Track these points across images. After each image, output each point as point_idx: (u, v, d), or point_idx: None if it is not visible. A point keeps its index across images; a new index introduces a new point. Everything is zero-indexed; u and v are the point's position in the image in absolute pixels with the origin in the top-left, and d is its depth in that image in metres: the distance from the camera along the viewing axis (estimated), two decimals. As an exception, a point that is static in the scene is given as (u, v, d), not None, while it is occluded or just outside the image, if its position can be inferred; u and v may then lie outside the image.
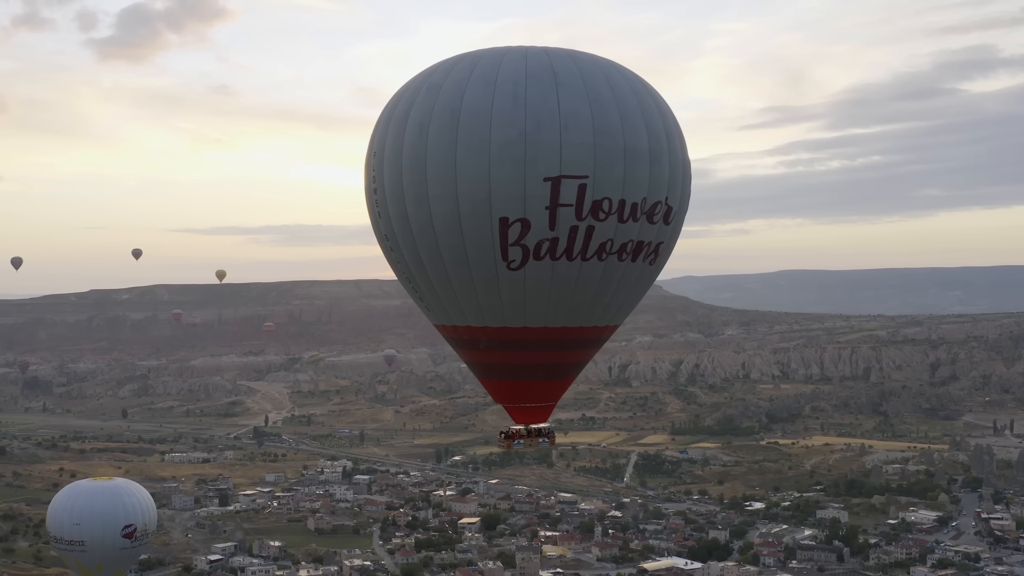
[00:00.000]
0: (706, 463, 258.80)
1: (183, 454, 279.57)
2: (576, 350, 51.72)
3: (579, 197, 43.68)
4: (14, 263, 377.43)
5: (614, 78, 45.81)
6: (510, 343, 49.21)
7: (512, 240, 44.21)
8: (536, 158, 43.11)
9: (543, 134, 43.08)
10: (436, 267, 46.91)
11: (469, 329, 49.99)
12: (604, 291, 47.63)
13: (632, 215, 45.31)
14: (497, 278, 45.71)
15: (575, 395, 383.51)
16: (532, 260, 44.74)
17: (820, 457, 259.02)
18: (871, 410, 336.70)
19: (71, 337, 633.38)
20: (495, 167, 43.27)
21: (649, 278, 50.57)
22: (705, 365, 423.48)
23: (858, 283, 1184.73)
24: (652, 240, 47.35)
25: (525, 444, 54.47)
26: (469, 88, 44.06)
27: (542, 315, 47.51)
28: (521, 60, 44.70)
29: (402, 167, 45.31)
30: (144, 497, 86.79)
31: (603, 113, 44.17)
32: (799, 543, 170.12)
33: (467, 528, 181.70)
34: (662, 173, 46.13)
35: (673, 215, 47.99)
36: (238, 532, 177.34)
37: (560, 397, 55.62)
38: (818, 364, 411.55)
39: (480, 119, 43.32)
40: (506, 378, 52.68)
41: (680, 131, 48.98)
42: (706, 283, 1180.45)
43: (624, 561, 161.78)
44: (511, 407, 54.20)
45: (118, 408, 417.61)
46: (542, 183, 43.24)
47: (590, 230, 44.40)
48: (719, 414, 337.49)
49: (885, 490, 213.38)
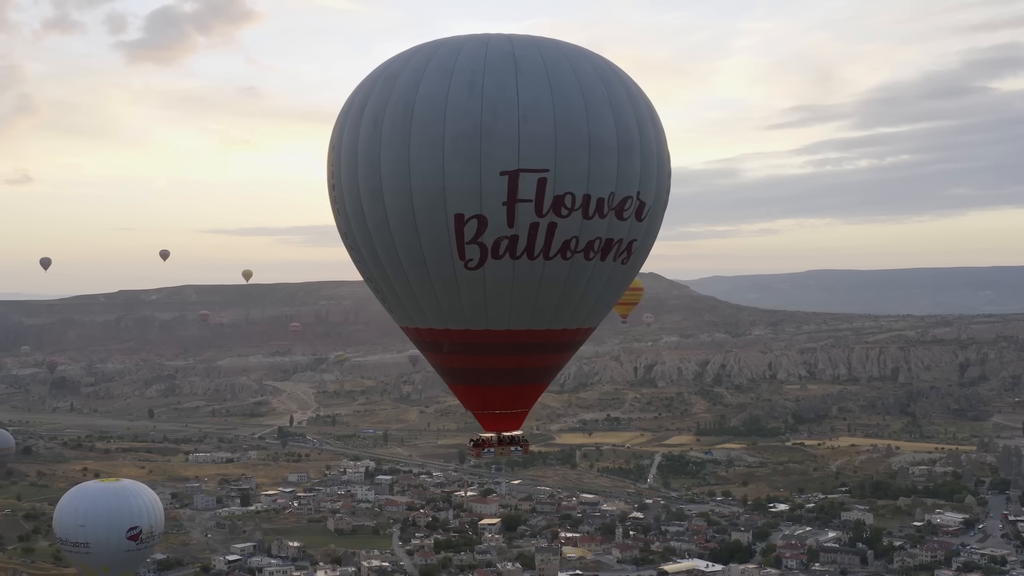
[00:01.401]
0: (730, 464, 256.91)
1: (207, 454, 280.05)
2: (545, 354, 48.73)
3: (539, 192, 41.05)
4: (43, 264, 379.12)
5: (581, 66, 43.14)
6: (473, 346, 46.57)
7: (468, 238, 41.77)
8: (492, 151, 40.61)
9: (499, 126, 40.57)
10: (394, 266, 44.73)
11: (432, 331, 47.51)
12: (572, 292, 44.85)
13: (599, 211, 42.49)
14: (455, 278, 43.30)
15: (600, 396, 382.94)
16: (491, 259, 42.24)
17: (846, 458, 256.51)
18: (899, 411, 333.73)
19: (100, 337, 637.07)
20: (449, 161, 40.92)
21: (623, 278, 47.68)
22: (731, 365, 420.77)
23: (887, 283, 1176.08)
24: (623, 238, 44.39)
25: (496, 453, 51.65)
26: (425, 78, 41.76)
27: (505, 317, 44.90)
28: (482, 48, 42.22)
29: (357, 162, 43.18)
30: (151, 499, 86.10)
31: (566, 103, 41.58)
32: (822, 545, 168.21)
33: (487, 529, 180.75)
34: (632, 166, 43.20)
35: (647, 211, 44.94)
36: (257, 532, 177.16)
37: (532, 404, 52.53)
38: (846, 364, 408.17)
39: (435, 111, 41.00)
40: (472, 383, 50.02)
41: (657, 122, 45.98)
42: (734, 283, 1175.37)
43: (644, 563, 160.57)
44: (480, 414, 51.23)
45: (145, 408, 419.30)
46: (498, 177, 40.75)
47: (552, 227, 41.79)
48: (745, 415, 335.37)
49: (911, 492, 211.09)
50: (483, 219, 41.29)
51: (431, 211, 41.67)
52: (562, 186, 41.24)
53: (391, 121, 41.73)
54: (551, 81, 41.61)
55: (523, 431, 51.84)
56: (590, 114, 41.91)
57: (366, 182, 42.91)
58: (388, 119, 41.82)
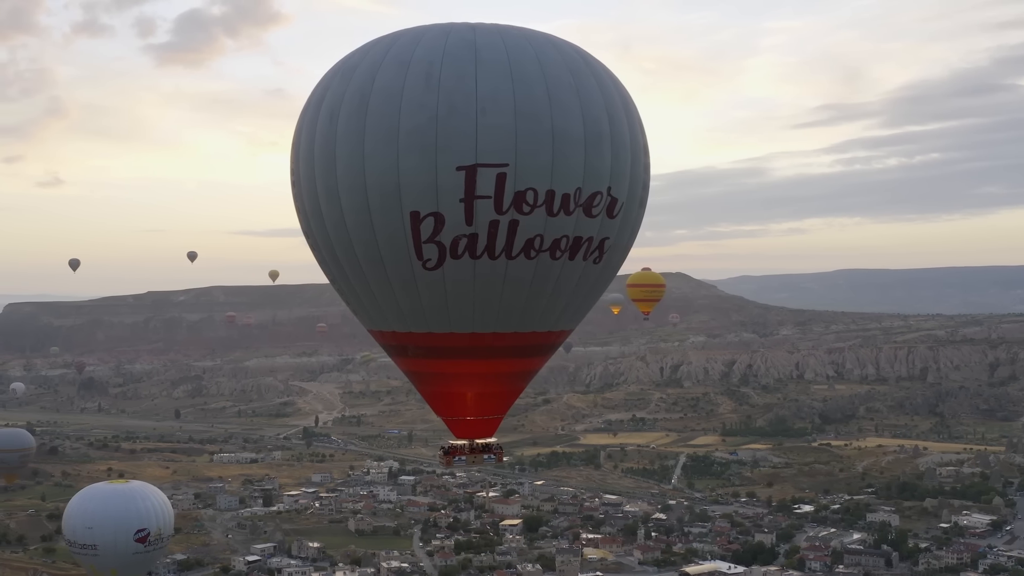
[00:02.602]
0: (755, 465, 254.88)
1: (231, 454, 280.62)
2: (515, 358, 46.78)
3: (498, 188, 39.07)
4: (72, 265, 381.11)
5: (547, 55, 40.93)
6: (437, 350, 44.99)
7: (425, 237, 39.99)
8: (448, 145, 38.78)
9: (456, 119, 38.76)
10: (353, 267, 43.24)
11: (395, 335, 45.94)
12: (539, 294, 42.84)
13: (564, 208, 40.35)
14: (414, 279, 41.58)
15: (626, 396, 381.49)
16: (450, 259, 40.40)
17: (872, 459, 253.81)
18: (927, 411, 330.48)
19: (128, 338, 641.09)
20: (403, 156, 39.15)
21: (597, 278, 45.38)
22: (758, 365, 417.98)
23: (917, 282, 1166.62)
24: (593, 236, 42.24)
25: (468, 461, 50.16)
26: (382, 70, 40.05)
27: (468, 320, 43.08)
28: (442, 38, 40.37)
29: (314, 158, 41.70)
30: (159, 501, 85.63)
31: (528, 93, 39.40)
32: (847, 547, 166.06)
33: (508, 530, 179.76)
34: (601, 160, 41.01)
35: (620, 208, 42.60)
36: (277, 533, 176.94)
37: (506, 409, 50.66)
38: (874, 364, 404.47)
39: (389, 104, 39.24)
40: (440, 389, 48.53)
41: (633, 114, 43.61)
42: (762, 283, 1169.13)
43: (666, 565, 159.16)
44: (450, 420, 49.57)
45: (172, 408, 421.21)
46: (455, 173, 38.88)
47: (514, 225, 39.74)
48: (771, 415, 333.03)
49: (938, 493, 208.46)
50: (440, 217, 39.58)
51: (386, 209, 40.06)
52: (523, 181, 39.38)
53: (346, 115, 40.30)
54: (513, 71, 39.62)
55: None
56: (554, 105, 39.85)
57: (322, 179, 41.52)
58: (344, 113, 40.38)
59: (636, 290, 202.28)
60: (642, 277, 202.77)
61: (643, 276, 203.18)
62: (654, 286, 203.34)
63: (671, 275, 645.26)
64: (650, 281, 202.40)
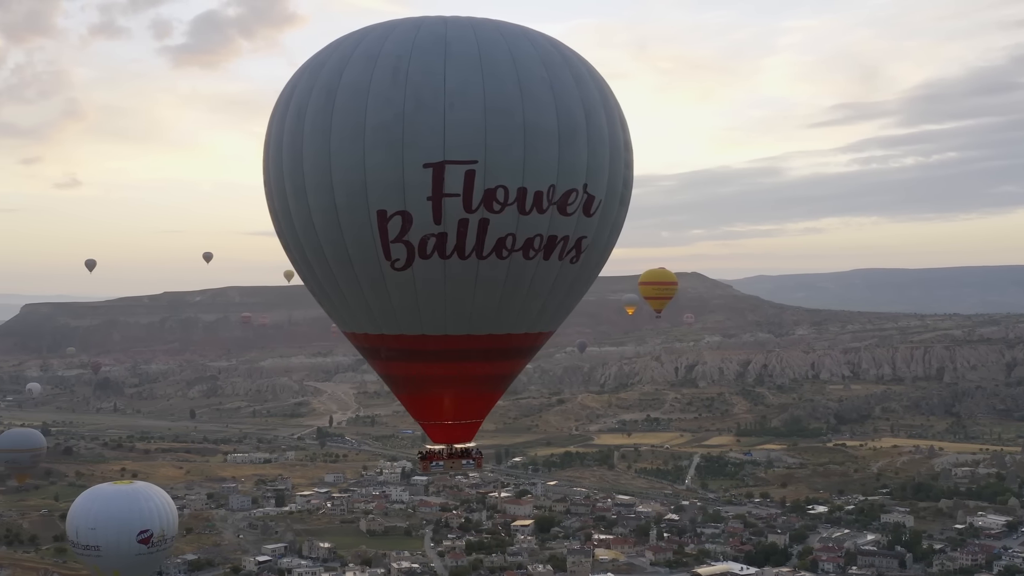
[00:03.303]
0: (770, 465, 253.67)
1: (245, 454, 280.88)
2: (491, 361, 45.28)
3: (467, 185, 37.86)
4: (88, 265, 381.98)
5: (520, 47, 39.55)
6: (410, 353, 43.70)
7: (393, 236, 38.88)
8: (414, 141, 37.56)
9: (423, 114, 37.56)
10: (322, 268, 42.17)
11: (368, 337, 44.78)
12: (514, 294, 41.49)
13: (537, 206, 39.02)
14: (383, 280, 40.42)
15: (640, 396, 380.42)
16: (418, 259, 39.25)
17: (888, 459, 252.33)
18: (943, 411, 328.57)
19: (144, 339, 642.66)
20: (369, 153, 37.98)
21: (576, 279, 43.91)
22: (773, 365, 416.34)
23: (935, 282, 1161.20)
24: (569, 235, 40.82)
25: (445, 467, 48.56)
26: (350, 65, 39.05)
27: (441, 322, 41.86)
28: (412, 31, 39.25)
29: (283, 155, 40.78)
30: (163, 502, 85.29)
31: (498, 87, 38.11)
32: (860, 548, 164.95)
33: (520, 530, 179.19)
34: (577, 156, 39.66)
35: (597, 206, 41.19)
36: (288, 533, 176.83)
37: (485, 414, 49.15)
38: (890, 364, 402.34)
39: (356, 99, 38.16)
40: (415, 392, 47.21)
41: (613, 109, 42.15)
42: (779, 283, 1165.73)
43: (678, 566, 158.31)
44: (427, 425, 48.37)
45: (187, 409, 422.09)
46: (421, 170, 37.70)
47: (484, 223, 38.48)
48: (786, 415, 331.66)
49: (953, 494, 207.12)
50: (407, 215, 38.45)
51: (353, 208, 39.01)
52: (493, 179, 38.15)
53: (313, 112, 39.37)
54: (483, 65, 38.33)
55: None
56: (526, 100, 38.47)
57: (290, 178, 40.66)
58: (311, 110, 39.49)
59: (648, 288, 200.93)
60: (654, 275, 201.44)
61: (655, 274, 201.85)
62: (666, 284, 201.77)
63: (686, 275, 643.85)
64: (662, 279, 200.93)
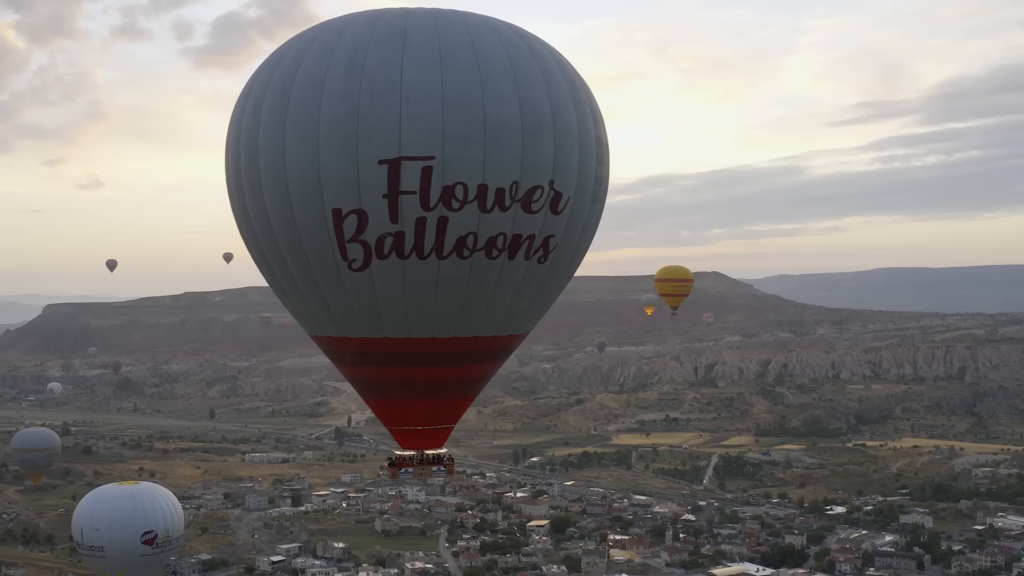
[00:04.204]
0: (788, 465, 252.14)
1: (263, 454, 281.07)
2: (459, 365, 43.46)
3: (424, 182, 36.33)
4: (109, 265, 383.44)
5: (484, 38, 37.92)
6: (374, 356, 42.40)
7: (349, 236, 37.44)
8: (369, 137, 36.06)
9: (378, 108, 36.01)
10: (282, 268, 40.94)
11: (330, 339, 43.53)
12: (478, 296, 39.93)
13: (499, 203, 37.38)
14: (341, 281, 39.07)
15: (659, 396, 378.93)
16: (376, 259, 37.81)
17: (907, 460, 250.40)
18: (965, 411, 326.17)
19: (165, 339, 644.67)
20: (323, 149, 36.57)
21: (545, 279, 42.09)
22: (794, 365, 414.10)
23: (958, 281, 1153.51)
24: (535, 233, 39.10)
25: (415, 474, 47.28)
26: (306, 59, 37.67)
27: (402, 324, 40.40)
28: (372, 23, 37.74)
29: (240, 152, 39.49)
30: (168, 503, 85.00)
31: (458, 80, 36.50)
32: (878, 549, 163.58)
33: (535, 531, 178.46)
34: (542, 151, 37.93)
35: (565, 203, 39.39)
36: (303, 533, 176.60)
37: (456, 419, 47.54)
38: (911, 364, 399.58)
39: (311, 93, 36.80)
40: (382, 397, 45.73)
41: (583, 103, 40.32)
42: (800, 282, 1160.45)
43: (694, 566, 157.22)
44: (395, 430, 46.93)
45: (207, 408, 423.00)
46: (376, 167, 36.20)
47: (443, 222, 36.92)
48: (806, 415, 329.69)
49: (973, 494, 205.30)
50: (363, 214, 37.03)
51: (308, 206, 37.71)
52: (452, 175, 36.62)
53: (269, 107, 38.16)
54: (443, 57, 36.76)
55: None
56: (487, 93, 36.87)
57: (247, 175, 39.45)
58: (266, 106, 38.29)
59: (664, 285, 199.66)
60: (670, 271, 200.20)
61: (671, 270, 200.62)
62: (682, 280, 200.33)
63: (707, 274, 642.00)
64: (678, 276, 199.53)
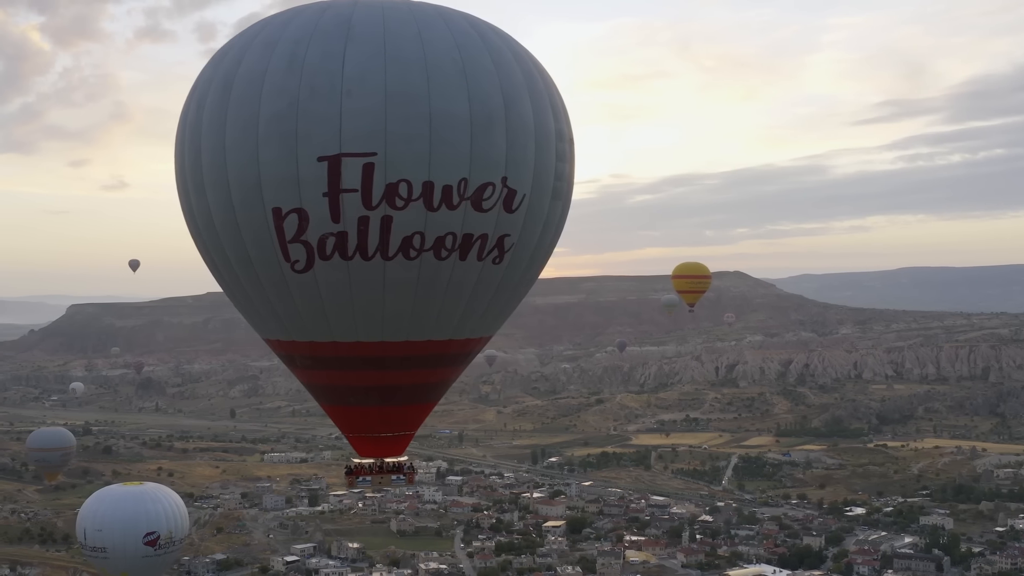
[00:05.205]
0: (808, 466, 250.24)
1: (282, 454, 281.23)
2: (413, 370, 41.83)
3: (365, 180, 34.91)
4: (132, 265, 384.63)
5: (433, 28, 36.40)
6: (324, 360, 41.09)
7: (290, 236, 36.15)
8: (309, 133, 34.78)
9: (318, 102, 34.72)
10: (228, 270, 39.74)
11: (280, 343, 42.19)
12: (429, 298, 38.38)
13: (446, 201, 35.94)
14: (285, 283, 37.76)
15: (680, 396, 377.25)
16: (319, 260, 36.45)
17: (929, 460, 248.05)
18: (988, 411, 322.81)
19: (187, 339, 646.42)
20: (262, 146, 35.30)
21: (504, 281, 40.33)
22: (815, 365, 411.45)
23: (983, 280, 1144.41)
24: (488, 233, 37.52)
25: (373, 482, 45.84)
26: (248, 52, 36.49)
27: (350, 328, 39.04)
28: (318, 14, 36.36)
29: (185, 150, 38.50)
30: (171, 504, 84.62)
31: (402, 72, 35.04)
32: (897, 551, 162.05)
33: (551, 531, 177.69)
34: (493, 147, 36.45)
35: (520, 201, 37.78)
36: (318, 533, 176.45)
37: (415, 426, 45.75)
38: (934, 364, 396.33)
39: (251, 88, 35.55)
40: (336, 403, 44.12)
41: (541, 95, 38.75)
42: (824, 281, 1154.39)
43: (710, 568, 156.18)
44: (352, 437, 45.54)
45: (228, 408, 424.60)
46: (316, 164, 34.88)
47: (386, 221, 35.52)
48: (827, 415, 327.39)
49: (995, 496, 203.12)
50: (303, 213, 35.69)
51: (249, 205, 36.42)
52: (395, 172, 35.17)
53: (211, 103, 37.06)
54: (387, 48, 35.24)
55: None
56: (433, 85, 35.41)
57: (192, 175, 38.43)
58: (209, 101, 37.20)
59: (681, 281, 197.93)
60: (687, 268, 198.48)
61: (688, 267, 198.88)
62: (699, 277, 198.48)
63: (728, 274, 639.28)
64: (694, 272, 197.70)
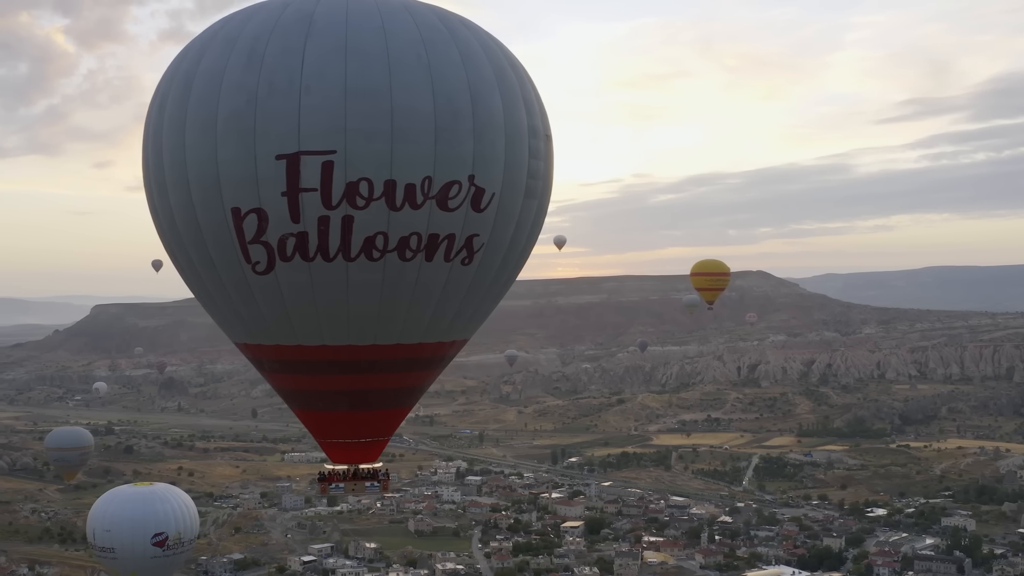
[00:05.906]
0: (830, 467, 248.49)
1: (302, 454, 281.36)
2: (382, 374, 40.72)
3: (325, 179, 34.12)
4: (155, 266, 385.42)
5: (398, 23, 35.36)
6: (290, 365, 40.24)
7: (250, 237, 35.42)
8: (267, 131, 33.98)
9: (276, 100, 33.93)
10: (191, 271, 39.09)
11: (247, 347, 41.45)
12: (394, 300, 37.32)
13: (409, 200, 34.98)
14: (248, 285, 36.96)
15: (702, 396, 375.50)
16: (280, 262, 35.65)
17: (951, 461, 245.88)
18: (1012, 411, 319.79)
19: (210, 339, 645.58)
20: (221, 145, 34.66)
21: (475, 282, 39.27)
22: (838, 365, 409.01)
23: (1008, 279, 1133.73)
24: (455, 233, 36.53)
25: (346, 489, 45.09)
26: (209, 50, 35.83)
27: (315, 332, 38.28)
28: (280, 9, 35.57)
29: (148, 150, 37.91)
30: (181, 504, 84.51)
31: (363, 67, 34.16)
32: (917, 552, 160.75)
33: (569, 532, 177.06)
34: (459, 144, 35.49)
35: (489, 200, 36.74)
36: (336, 533, 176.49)
37: (389, 432, 45.28)
38: (958, 363, 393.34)
39: (211, 86, 34.92)
40: (307, 408, 43.28)
41: (512, 89, 37.61)
42: (848, 281, 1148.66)
43: (728, 569, 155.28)
44: (324, 443, 44.44)
45: (250, 408, 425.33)
46: (274, 162, 34.12)
47: (347, 221, 34.70)
48: (849, 415, 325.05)
49: (1018, 497, 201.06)
50: (263, 213, 34.96)
51: (208, 205, 35.67)
52: (355, 171, 34.30)
53: (172, 101, 36.39)
54: (348, 42, 34.43)
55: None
56: (396, 80, 34.45)
57: (155, 174, 37.76)
58: (170, 99, 36.58)
59: (700, 279, 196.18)
60: (706, 265, 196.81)
61: (707, 264, 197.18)
62: (718, 274, 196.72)
63: (751, 273, 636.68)
64: (713, 269, 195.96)
